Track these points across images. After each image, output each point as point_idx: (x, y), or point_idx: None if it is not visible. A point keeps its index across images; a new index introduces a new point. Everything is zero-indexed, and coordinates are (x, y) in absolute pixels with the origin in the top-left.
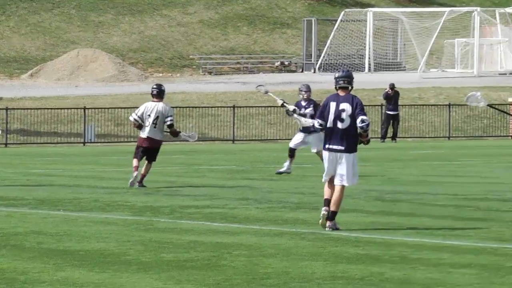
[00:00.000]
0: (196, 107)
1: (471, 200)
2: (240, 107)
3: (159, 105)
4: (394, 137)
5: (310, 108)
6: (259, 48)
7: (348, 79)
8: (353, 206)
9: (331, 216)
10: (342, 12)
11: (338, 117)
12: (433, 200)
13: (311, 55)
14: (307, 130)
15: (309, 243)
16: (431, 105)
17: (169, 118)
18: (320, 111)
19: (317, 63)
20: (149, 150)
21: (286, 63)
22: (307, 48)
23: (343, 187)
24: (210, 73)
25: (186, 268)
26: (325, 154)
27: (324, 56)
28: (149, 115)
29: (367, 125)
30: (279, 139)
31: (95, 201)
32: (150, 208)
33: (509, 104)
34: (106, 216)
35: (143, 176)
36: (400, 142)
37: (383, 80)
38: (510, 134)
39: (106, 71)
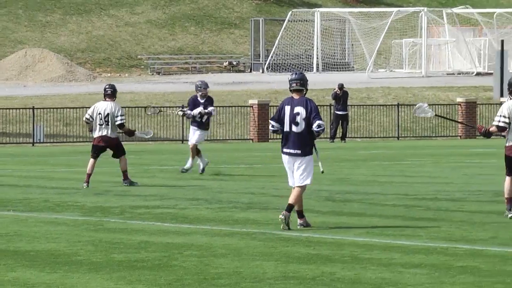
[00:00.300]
0: (144, 107)
1: (421, 200)
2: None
3: (110, 104)
4: (343, 137)
5: (212, 108)
6: (207, 48)
7: (301, 81)
8: (303, 206)
9: (299, 214)
10: (290, 12)
11: (293, 120)
12: (384, 200)
13: (259, 55)
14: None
15: (260, 243)
16: (380, 105)
17: (119, 118)
18: (275, 118)
19: (265, 63)
20: (106, 148)
21: (235, 63)
22: (255, 48)
23: (300, 188)
24: (158, 73)
25: (137, 269)
26: (284, 158)
27: (272, 56)
28: (100, 114)
29: (323, 130)
30: (229, 139)
31: (45, 202)
32: (100, 209)
33: (457, 104)
34: (56, 216)
35: (124, 172)
36: (349, 142)
37: (331, 80)
38: (459, 134)
39: (54, 71)
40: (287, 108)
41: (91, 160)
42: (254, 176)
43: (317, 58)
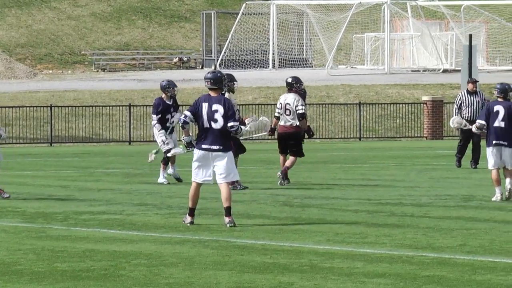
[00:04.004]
0: (89, 106)
1: (384, 205)
2: (137, 106)
3: None
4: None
5: (178, 115)
6: (155, 43)
7: (213, 81)
8: (259, 212)
9: (227, 211)
10: (244, 5)
11: (211, 118)
12: (345, 205)
13: (211, 50)
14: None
15: (213, 251)
16: (340, 104)
17: None
18: (191, 110)
19: (218, 59)
20: None
21: (185, 59)
22: (206, 43)
23: (227, 183)
24: (103, 69)
25: (82, 279)
26: (199, 153)
27: (225, 52)
28: None
29: (236, 130)
30: (179, 141)
31: None
32: (42, 215)
33: (423, 103)
34: None
35: None
36: (308, 143)
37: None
38: (425, 135)
39: None
40: (205, 105)
41: None
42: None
43: (273, 53)
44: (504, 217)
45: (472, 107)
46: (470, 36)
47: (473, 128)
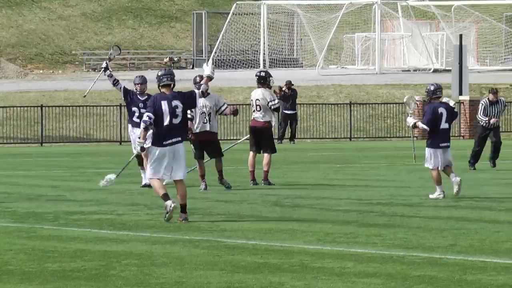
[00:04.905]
0: (80, 106)
1: (375, 205)
2: None
3: None
4: (292, 138)
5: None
6: (146, 43)
7: (171, 76)
8: (250, 212)
9: (183, 208)
10: (234, 5)
11: (173, 114)
12: (336, 205)
13: (202, 50)
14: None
15: (204, 251)
16: (331, 104)
17: None
18: (150, 109)
19: (208, 59)
20: None
21: (176, 59)
22: (197, 43)
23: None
24: (94, 69)
25: (73, 279)
26: (162, 151)
27: (216, 52)
28: None
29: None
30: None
31: None
32: (33, 215)
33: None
34: None
35: None
36: (298, 144)
37: (279, 77)
38: (415, 135)
39: None
40: (164, 103)
41: None
42: (196, 180)
43: (264, 53)
44: (494, 217)
45: (495, 115)
46: (461, 36)
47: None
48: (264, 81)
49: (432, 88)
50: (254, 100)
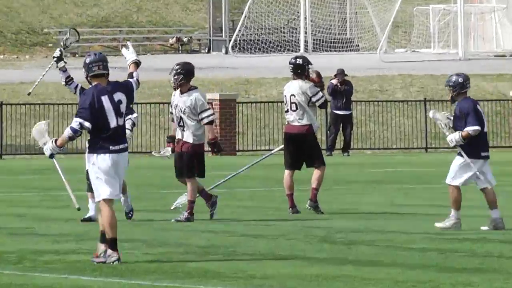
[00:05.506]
0: (54, 104)
1: (462, 242)
2: None
3: None
4: (346, 148)
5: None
6: (144, 18)
7: (104, 62)
8: (288, 251)
9: (111, 242)
10: None
11: (117, 112)
12: (407, 242)
13: (221, 28)
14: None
15: None
16: (399, 101)
17: None
18: (85, 113)
19: (230, 41)
20: None
21: (185, 39)
22: (214, 18)
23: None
24: (74, 54)
25: None
26: (110, 160)
27: (240, 30)
28: None
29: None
30: None
31: None
32: None
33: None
34: None
35: None
36: (354, 156)
37: (326, 64)
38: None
39: None
40: (105, 99)
41: None
42: (201, 206)
43: (306, 33)
44: None
45: None
46: None
47: None
48: (302, 70)
49: (460, 79)
50: (288, 96)
